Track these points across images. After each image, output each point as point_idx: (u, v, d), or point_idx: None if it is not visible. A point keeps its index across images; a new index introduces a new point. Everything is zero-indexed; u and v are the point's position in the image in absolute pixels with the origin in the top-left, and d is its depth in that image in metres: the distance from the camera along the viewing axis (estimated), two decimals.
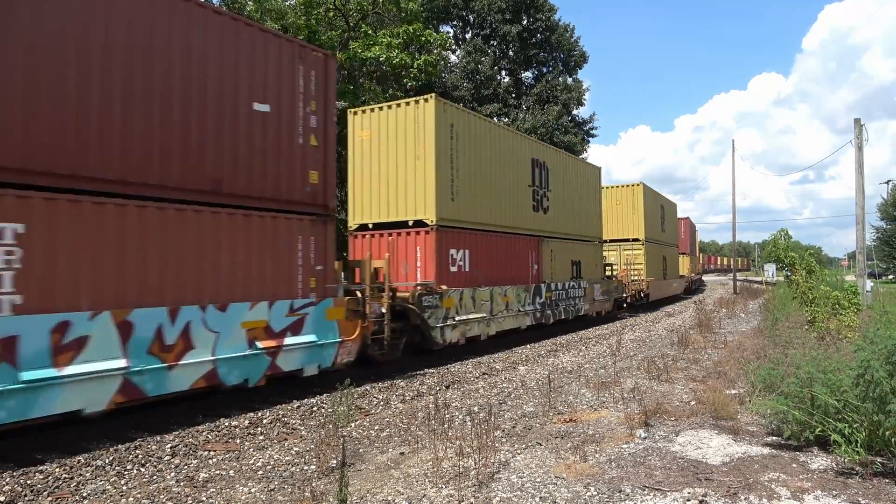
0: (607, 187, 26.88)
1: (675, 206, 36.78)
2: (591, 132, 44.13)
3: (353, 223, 13.88)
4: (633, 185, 27.79)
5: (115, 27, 7.03)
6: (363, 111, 13.91)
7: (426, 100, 13.05)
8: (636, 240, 27.18)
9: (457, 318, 13.02)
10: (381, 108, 13.62)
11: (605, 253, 24.99)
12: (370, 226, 13.56)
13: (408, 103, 13.20)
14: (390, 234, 13.26)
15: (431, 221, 12.67)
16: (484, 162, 14.68)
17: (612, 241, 26.74)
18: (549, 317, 17.54)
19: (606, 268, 24.01)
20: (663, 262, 31.21)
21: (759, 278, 56.34)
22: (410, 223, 12.96)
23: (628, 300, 25.34)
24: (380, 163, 13.43)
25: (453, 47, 38.67)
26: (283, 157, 9.08)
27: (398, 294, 11.99)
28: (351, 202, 13.95)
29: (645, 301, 27.01)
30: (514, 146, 16.35)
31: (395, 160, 13.20)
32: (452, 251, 13.27)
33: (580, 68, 43.61)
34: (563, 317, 18.51)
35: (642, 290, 26.30)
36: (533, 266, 17.03)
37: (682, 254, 40.42)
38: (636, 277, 26.25)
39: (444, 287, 12.73)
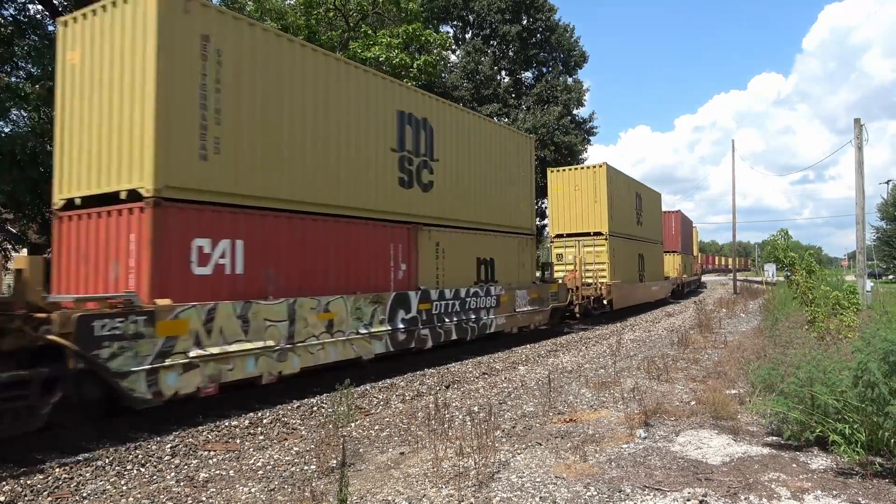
0: (564, 170, 23.12)
1: (658, 196, 31.28)
2: (592, 132, 44.12)
3: (57, 198, 9.08)
4: (594, 167, 22.45)
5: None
6: (78, 17, 8.96)
7: None
8: (598, 234, 21.93)
9: (193, 354, 7.81)
10: (92, 14, 8.72)
11: (560, 251, 22.16)
12: (77, 202, 8.75)
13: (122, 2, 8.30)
14: (98, 215, 8.44)
15: (147, 190, 7.80)
16: (288, 105, 9.71)
17: (569, 235, 22.28)
18: (425, 339, 12.38)
19: (551, 269, 20.73)
20: (639, 262, 26.18)
21: (759, 278, 56.33)
22: (123, 195, 8.11)
23: (577, 310, 20.25)
24: (91, 98, 8.69)
25: (453, 47, 38.66)
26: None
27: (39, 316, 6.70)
28: (58, 165, 9.18)
29: (608, 309, 22.02)
30: (357, 88, 11.18)
31: (108, 92, 8.43)
32: (200, 242, 8.30)
33: (580, 68, 43.59)
34: (455, 336, 13.34)
35: (602, 297, 21.24)
36: (398, 266, 12.00)
37: (671, 252, 36.43)
38: (592, 280, 21.32)
39: (161, 302, 7.63)
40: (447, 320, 13.12)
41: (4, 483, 5.55)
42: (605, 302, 21.48)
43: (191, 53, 8.23)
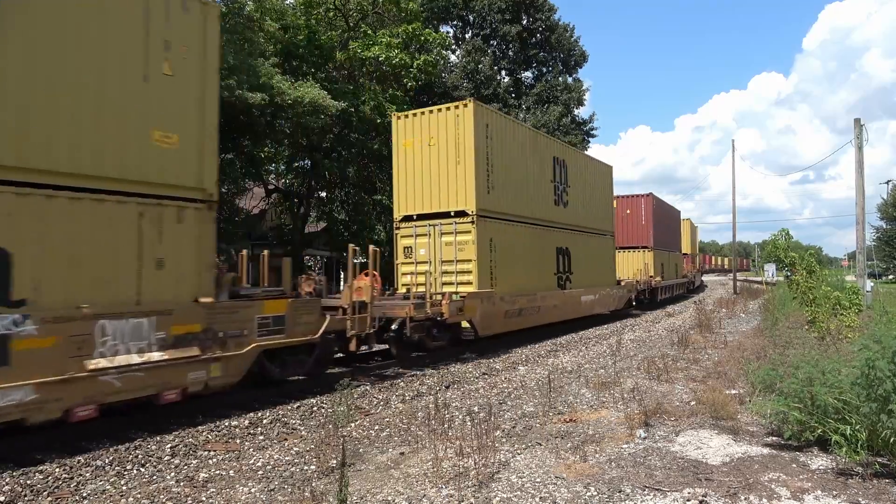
0: (415, 114, 14.96)
1: (609, 169, 23.39)
2: (592, 132, 44.13)
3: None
4: (456, 106, 14.36)
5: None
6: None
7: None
8: (461, 214, 13.94)
9: None
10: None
11: (409, 241, 14.62)
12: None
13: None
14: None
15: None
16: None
17: (421, 217, 14.53)
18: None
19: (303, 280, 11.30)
20: (559, 260, 18.24)
21: (759, 278, 56.30)
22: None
23: (354, 345, 10.54)
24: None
25: (453, 47, 38.65)
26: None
27: None
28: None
29: (471, 337, 14.32)
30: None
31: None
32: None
33: (580, 68, 43.63)
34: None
35: (444, 317, 12.57)
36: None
37: (637, 248, 29.15)
38: (422, 289, 12.89)
39: None
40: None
41: (4, 483, 5.55)
42: (456, 325, 13.55)
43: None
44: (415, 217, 14.72)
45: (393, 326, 12.58)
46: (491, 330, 14.28)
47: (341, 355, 11.27)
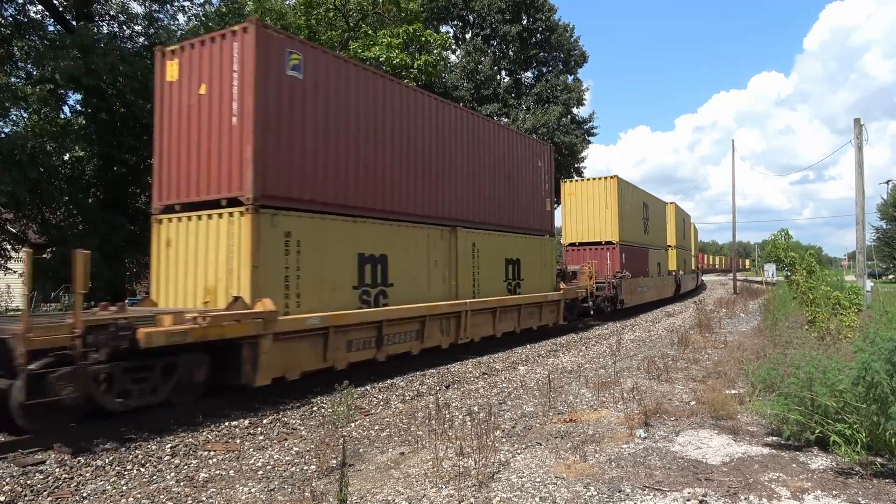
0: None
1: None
2: (591, 132, 44.13)
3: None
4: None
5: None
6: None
7: None
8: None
9: None
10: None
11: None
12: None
13: None
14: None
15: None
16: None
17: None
18: None
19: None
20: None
21: (758, 278, 56.30)
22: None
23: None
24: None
25: (453, 47, 38.69)
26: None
27: None
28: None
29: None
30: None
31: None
32: None
33: (580, 68, 43.64)
34: None
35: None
36: None
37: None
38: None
39: None
40: None
41: (4, 483, 5.55)
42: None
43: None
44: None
45: None
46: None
47: None
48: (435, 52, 28.02)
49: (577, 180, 25.57)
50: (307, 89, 9.63)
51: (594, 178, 24.58)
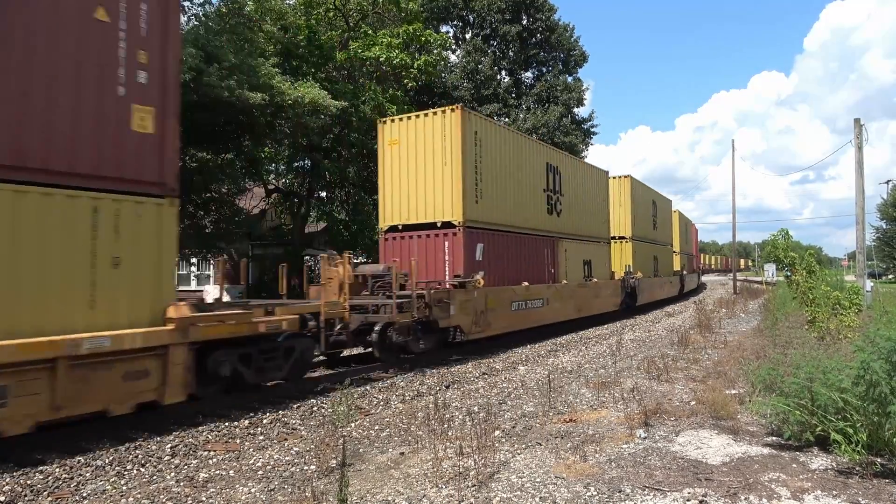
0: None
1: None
2: (591, 132, 44.12)
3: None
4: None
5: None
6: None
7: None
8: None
9: None
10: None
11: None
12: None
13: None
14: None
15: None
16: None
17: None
18: None
19: None
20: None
21: (759, 278, 56.27)
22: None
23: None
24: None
25: (453, 47, 38.67)
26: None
27: None
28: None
29: None
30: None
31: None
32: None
33: (580, 68, 43.65)
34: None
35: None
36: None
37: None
38: None
39: None
40: None
41: (4, 483, 5.55)
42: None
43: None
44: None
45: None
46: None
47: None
48: (435, 52, 28.00)
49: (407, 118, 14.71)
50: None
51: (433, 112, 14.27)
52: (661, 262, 29.15)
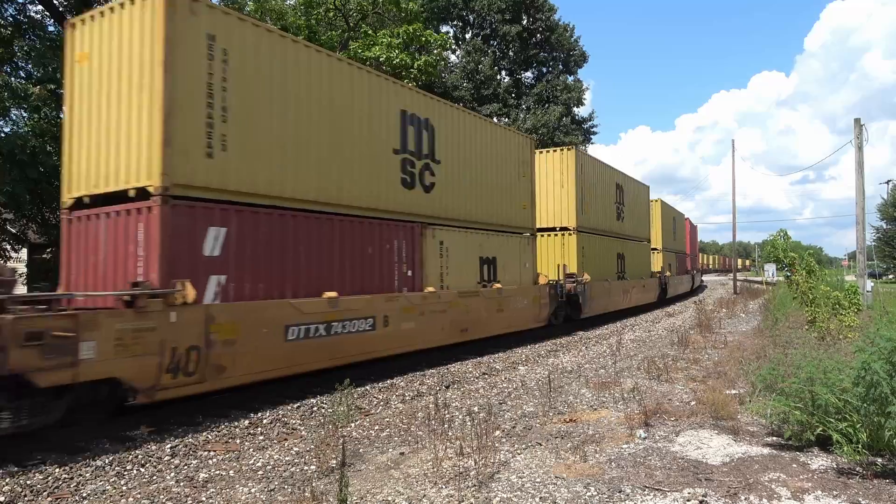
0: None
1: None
2: (592, 131, 44.15)
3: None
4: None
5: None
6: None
7: None
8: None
9: None
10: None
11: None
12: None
13: None
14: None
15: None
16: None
17: None
18: None
19: None
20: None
21: (759, 278, 56.25)
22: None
23: None
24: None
25: (453, 47, 38.66)
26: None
27: None
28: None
29: None
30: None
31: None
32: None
33: (580, 68, 43.71)
34: None
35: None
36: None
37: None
38: None
39: None
40: None
41: (4, 483, 5.55)
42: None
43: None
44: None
45: None
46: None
47: None
48: (435, 52, 28.00)
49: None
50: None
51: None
52: (630, 261, 23.80)
